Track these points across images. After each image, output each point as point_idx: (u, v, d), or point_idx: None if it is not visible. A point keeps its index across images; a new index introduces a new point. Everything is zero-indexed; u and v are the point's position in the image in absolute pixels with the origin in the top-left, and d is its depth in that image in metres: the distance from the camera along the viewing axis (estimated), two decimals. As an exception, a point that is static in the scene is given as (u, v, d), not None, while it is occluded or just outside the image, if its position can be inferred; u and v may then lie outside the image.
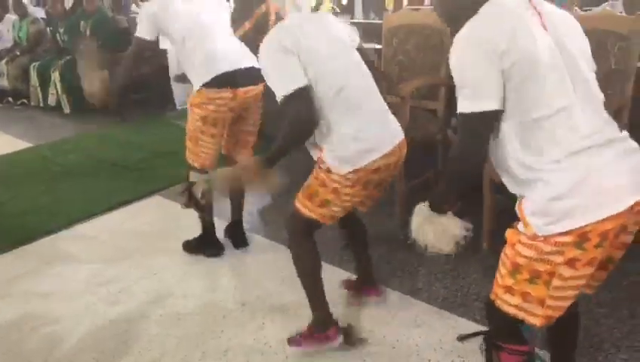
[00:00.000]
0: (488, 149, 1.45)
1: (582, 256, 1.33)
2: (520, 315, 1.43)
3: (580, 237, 1.31)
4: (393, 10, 5.54)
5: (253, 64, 2.50)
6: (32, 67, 6.27)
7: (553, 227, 1.33)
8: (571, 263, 1.34)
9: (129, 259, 2.93)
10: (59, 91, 6.06)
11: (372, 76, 2.05)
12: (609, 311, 2.28)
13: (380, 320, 2.31)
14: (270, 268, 2.74)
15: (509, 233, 1.45)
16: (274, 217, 3.26)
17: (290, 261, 2.09)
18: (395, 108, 3.04)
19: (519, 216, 1.43)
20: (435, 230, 1.58)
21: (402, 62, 3.29)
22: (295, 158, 2.13)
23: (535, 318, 1.42)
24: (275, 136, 1.90)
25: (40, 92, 6.27)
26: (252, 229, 3.13)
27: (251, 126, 2.82)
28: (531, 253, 1.37)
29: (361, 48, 2.15)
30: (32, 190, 3.90)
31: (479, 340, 1.66)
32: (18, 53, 6.56)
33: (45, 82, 6.18)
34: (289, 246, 2.12)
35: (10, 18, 6.89)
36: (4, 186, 4.01)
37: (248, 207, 3.10)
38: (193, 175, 2.72)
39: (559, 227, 1.32)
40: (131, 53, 2.69)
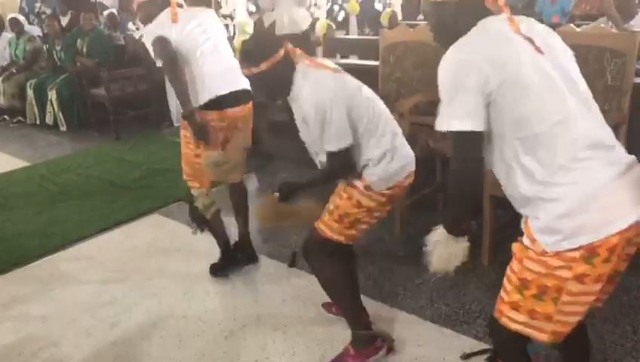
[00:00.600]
0: (483, 163, 1.47)
1: (590, 272, 1.34)
2: (527, 332, 1.43)
3: (589, 252, 1.32)
4: (388, 26, 5.61)
5: (245, 86, 2.53)
6: (29, 85, 6.28)
7: (564, 243, 1.34)
8: (580, 278, 1.35)
9: (128, 280, 2.91)
10: (55, 109, 6.06)
11: None
12: (612, 327, 2.28)
13: (383, 339, 2.30)
14: (271, 288, 2.73)
15: (516, 248, 1.46)
16: (273, 235, 3.24)
17: (290, 279, 2.08)
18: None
19: (525, 233, 1.43)
20: (450, 254, 1.58)
21: (400, 79, 3.31)
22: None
23: (543, 334, 1.42)
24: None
25: (36, 110, 6.27)
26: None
27: (242, 144, 2.81)
28: (540, 269, 1.38)
29: None
30: (29, 210, 3.88)
31: (483, 359, 1.65)
32: (14, 70, 6.56)
33: (42, 100, 6.19)
34: (315, 272, 2.11)
35: (6, 36, 6.91)
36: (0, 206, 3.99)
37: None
38: (194, 191, 2.77)
39: (569, 243, 1.33)
40: (165, 70, 2.68)
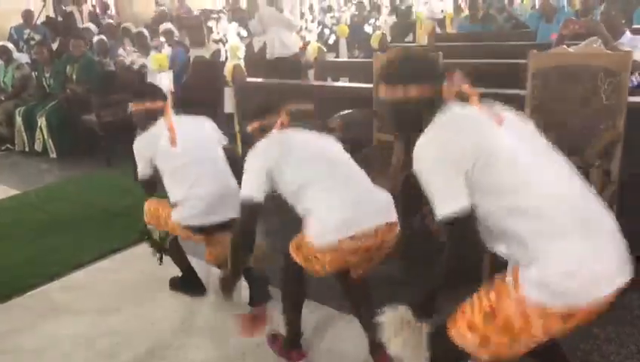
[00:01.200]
0: (480, 238, 1.51)
1: (561, 327, 1.40)
2: (471, 350, 1.47)
3: (570, 312, 1.37)
4: (378, 48, 5.65)
5: (235, 215, 2.49)
6: (17, 112, 6.21)
7: (548, 301, 1.37)
8: (547, 329, 1.40)
9: (124, 310, 2.85)
10: (45, 136, 6.00)
11: None
12: (617, 348, 2.26)
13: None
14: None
15: (499, 283, 1.48)
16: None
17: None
18: (390, 145, 3.07)
19: (512, 275, 1.44)
20: (410, 342, 1.59)
21: (394, 101, 3.31)
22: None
23: (485, 354, 1.47)
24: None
25: (25, 137, 6.20)
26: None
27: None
28: (514, 310, 1.41)
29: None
30: (19, 240, 3.81)
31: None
32: (2, 98, 6.50)
33: (31, 127, 6.12)
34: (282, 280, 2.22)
35: (-6, 64, 6.86)
36: (-10, 236, 3.91)
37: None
38: (149, 226, 2.88)
39: (553, 303, 1.37)
40: (145, 191, 2.89)
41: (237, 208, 2.54)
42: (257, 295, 2.40)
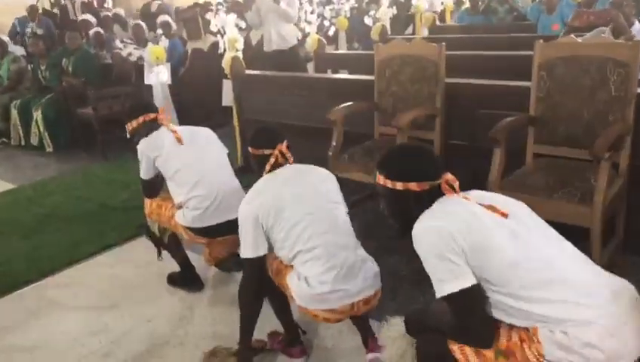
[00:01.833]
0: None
1: None
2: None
3: None
4: (379, 40, 5.58)
5: (236, 216, 2.44)
6: (13, 105, 6.14)
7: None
8: None
9: (120, 306, 2.79)
10: (41, 129, 5.93)
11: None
12: None
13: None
14: (271, 313, 2.61)
15: (521, 334, 1.46)
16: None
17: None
18: (392, 139, 3.01)
19: (532, 332, 1.42)
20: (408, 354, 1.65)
21: (396, 93, 3.25)
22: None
23: None
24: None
25: (21, 130, 6.13)
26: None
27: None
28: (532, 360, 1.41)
29: None
30: (15, 234, 3.74)
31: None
32: (-2, 91, 6.43)
33: (26, 120, 6.05)
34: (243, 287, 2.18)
35: (-11, 57, 6.78)
36: (-16, 231, 3.84)
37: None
38: (148, 220, 2.89)
39: None
40: (144, 193, 2.84)
41: (231, 214, 2.54)
42: None
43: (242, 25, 5.84)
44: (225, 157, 2.78)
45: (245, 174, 2.34)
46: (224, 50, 4.69)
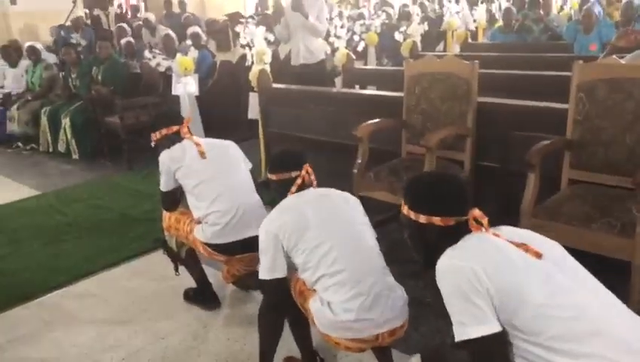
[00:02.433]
0: None
1: None
2: None
3: None
4: (409, 56, 5.48)
5: (256, 233, 2.42)
6: (43, 112, 6.21)
7: None
8: None
9: (134, 321, 2.73)
10: (68, 137, 5.97)
11: None
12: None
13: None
14: (287, 337, 2.51)
15: None
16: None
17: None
18: (420, 158, 2.90)
19: None
20: None
21: (426, 111, 3.14)
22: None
23: None
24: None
25: (50, 137, 6.19)
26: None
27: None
28: None
29: None
30: (35, 242, 3.72)
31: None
32: (29, 98, 6.51)
33: (55, 127, 6.10)
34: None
35: (24, 63, 6.90)
36: (5, 238, 3.83)
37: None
38: (166, 233, 2.82)
39: None
40: (163, 205, 2.81)
41: (258, 228, 2.49)
42: None
43: (271, 38, 5.81)
44: (247, 172, 2.71)
45: (268, 189, 2.25)
46: (252, 62, 4.63)
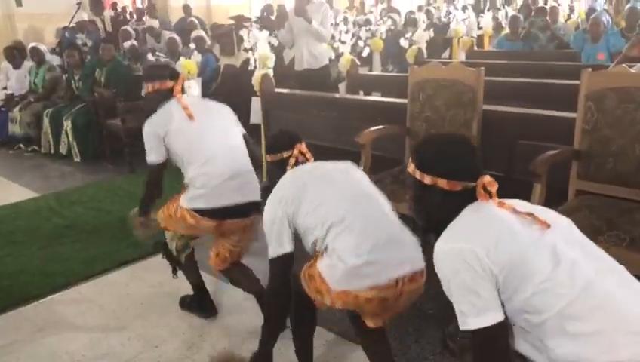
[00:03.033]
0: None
1: None
2: None
3: None
4: (414, 63, 5.43)
5: (251, 198, 2.35)
6: (45, 113, 6.18)
7: None
8: None
9: (129, 328, 2.67)
10: (70, 139, 5.94)
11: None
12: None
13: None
14: (285, 343, 2.45)
15: None
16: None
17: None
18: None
19: None
20: None
21: (430, 118, 3.08)
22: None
23: None
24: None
25: (51, 139, 6.15)
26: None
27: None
28: None
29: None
30: (33, 245, 3.67)
31: None
32: (32, 99, 6.49)
33: (57, 129, 6.07)
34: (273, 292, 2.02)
35: (27, 65, 6.87)
36: (2, 239, 3.78)
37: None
38: (167, 234, 2.66)
39: None
40: (148, 181, 2.58)
41: (250, 194, 2.43)
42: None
43: (275, 42, 5.77)
44: (240, 137, 2.58)
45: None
46: (255, 67, 4.59)
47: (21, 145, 6.54)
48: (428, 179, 1.40)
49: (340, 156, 3.66)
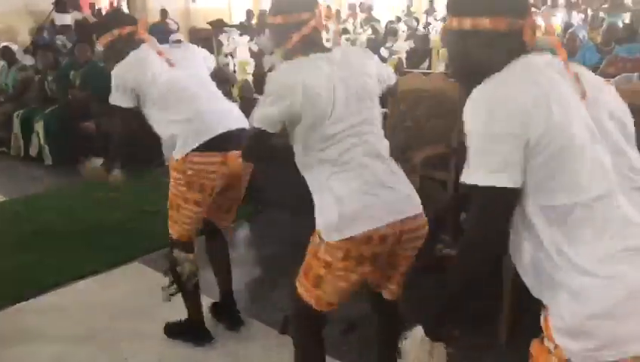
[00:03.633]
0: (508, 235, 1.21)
1: None
2: None
3: None
4: (395, 72, 5.42)
5: (244, 125, 2.26)
6: (16, 115, 6.00)
7: (597, 354, 1.08)
8: None
9: (97, 340, 2.58)
10: (41, 141, 5.78)
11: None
12: None
13: None
14: (258, 356, 2.39)
15: (536, 349, 1.19)
16: (265, 294, 2.92)
17: (280, 348, 1.78)
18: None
19: (545, 333, 1.16)
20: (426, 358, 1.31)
21: (410, 128, 3.07)
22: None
23: None
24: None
25: (22, 141, 5.98)
26: (240, 310, 2.73)
27: (238, 193, 2.54)
28: None
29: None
30: (-2, 251, 3.55)
31: None
32: (2, 99, 6.32)
33: (29, 132, 5.90)
34: (292, 338, 1.83)
35: (-2, 65, 6.71)
36: (-34, 245, 3.65)
37: (235, 285, 2.74)
38: (177, 253, 2.40)
39: (606, 354, 1.07)
40: (118, 124, 2.49)
41: (238, 121, 2.34)
42: None
43: (255, 48, 5.72)
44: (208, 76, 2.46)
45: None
46: (234, 72, 4.55)
47: (-11, 147, 6.36)
48: (468, 23, 1.23)
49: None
